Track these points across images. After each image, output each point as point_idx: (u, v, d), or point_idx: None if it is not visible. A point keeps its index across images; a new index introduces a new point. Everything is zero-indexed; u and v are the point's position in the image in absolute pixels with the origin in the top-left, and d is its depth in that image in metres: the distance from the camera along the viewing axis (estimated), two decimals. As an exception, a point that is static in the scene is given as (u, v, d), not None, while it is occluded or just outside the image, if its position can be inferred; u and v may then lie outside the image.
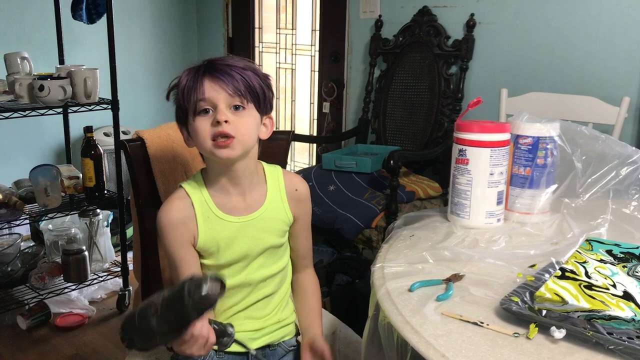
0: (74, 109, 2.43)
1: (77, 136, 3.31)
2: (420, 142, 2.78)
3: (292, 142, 3.58)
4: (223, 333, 1.05)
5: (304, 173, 2.65)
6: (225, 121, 1.07)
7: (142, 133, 1.47)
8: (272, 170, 1.24)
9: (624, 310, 0.78)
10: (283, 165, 2.13)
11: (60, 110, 2.48)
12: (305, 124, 3.64)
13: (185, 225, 1.14)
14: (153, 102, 3.69)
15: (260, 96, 1.12)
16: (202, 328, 0.96)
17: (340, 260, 2.40)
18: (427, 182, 2.57)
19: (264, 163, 1.23)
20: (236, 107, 1.09)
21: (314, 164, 3.56)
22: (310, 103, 3.57)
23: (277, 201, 1.21)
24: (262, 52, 3.79)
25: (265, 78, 1.15)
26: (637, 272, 0.91)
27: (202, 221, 1.15)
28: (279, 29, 3.66)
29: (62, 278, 2.47)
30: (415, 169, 2.78)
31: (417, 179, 2.60)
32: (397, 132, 2.90)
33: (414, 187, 2.46)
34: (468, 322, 0.86)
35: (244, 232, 1.17)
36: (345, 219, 2.29)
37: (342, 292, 2.23)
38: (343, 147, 3.12)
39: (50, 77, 2.30)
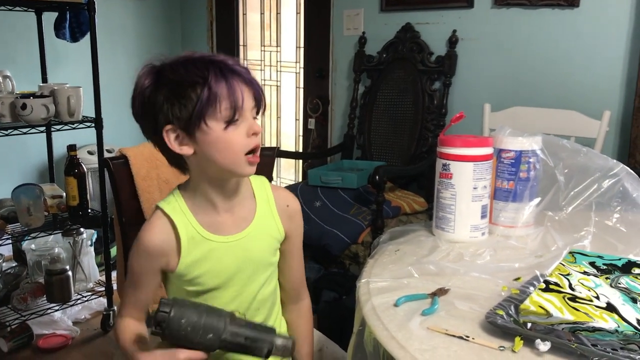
0: (57, 127, 2.41)
1: (60, 155, 3.28)
2: (405, 157, 2.79)
3: (278, 159, 3.58)
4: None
5: (290, 189, 2.64)
6: (260, 131, 1.00)
7: (126, 151, 1.47)
8: (259, 184, 1.14)
9: (608, 322, 0.79)
10: (269, 181, 2.13)
11: (43, 128, 2.46)
12: (291, 140, 3.65)
13: (165, 254, 1.04)
14: (138, 120, 3.64)
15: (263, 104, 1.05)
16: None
17: (327, 276, 2.39)
18: (412, 197, 2.57)
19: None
20: (254, 117, 1.01)
21: (300, 180, 3.56)
22: (296, 119, 3.58)
23: (268, 216, 1.11)
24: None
25: None
26: (620, 283, 0.91)
27: (185, 244, 1.04)
28: (264, 46, 3.68)
29: (45, 299, 2.43)
30: (400, 184, 2.78)
31: (403, 194, 2.60)
32: (382, 147, 2.91)
33: (399, 202, 2.46)
34: (454, 336, 0.86)
35: (233, 252, 1.06)
36: (332, 235, 2.28)
37: (329, 308, 2.22)
38: (329, 163, 3.13)
39: (33, 95, 2.29)
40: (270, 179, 2.46)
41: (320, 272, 2.43)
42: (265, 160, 1.59)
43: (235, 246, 1.06)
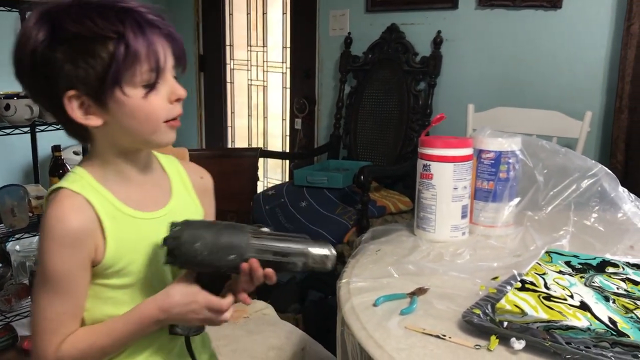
0: (42, 128, 2.40)
1: (45, 155, 3.26)
2: (391, 157, 2.80)
3: (265, 159, 3.59)
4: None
5: (276, 189, 2.66)
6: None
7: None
8: (166, 158, 1.02)
9: (581, 320, 0.80)
10: (255, 182, 2.13)
11: (27, 129, 2.45)
12: (277, 140, 3.65)
13: (91, 236, 0.85)
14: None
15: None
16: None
17: (313, 276, 2.40)
18: (397, 196, 2.59)
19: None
20: (175, 77, 0.89)
21: (287, 180, 3.57)
22: (282, 119, 3.58)
23: (184, 192, 0.99)
24: (233, 69, 3.80)
25: None
26: (593, 282, 0.93)
27: (108, 223, 0.87)
28: (250, 46, 3.68)
29: (29, 300, 2.42)
30: (386, 183, 2.80)
31: (388, 194, 2.62)
32: (368, 147, 2.92)
33: (385, 202, 2.48)
34: (431, 335, 0.87)
35: (162, 231, 0.86)
36: (318, 235, 2.29)
37: (315, 308, 2.23)
38: (315, 162, 3.13)
39: (17, 96, 2.28)
40: (255, 179, 2.47)
41: (306, 272, 2.44)
42: (248, 160, 1.61)
43: (162, 223, 0.88)
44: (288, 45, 3.44)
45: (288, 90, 3.49)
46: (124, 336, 0.88)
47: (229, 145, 3.85)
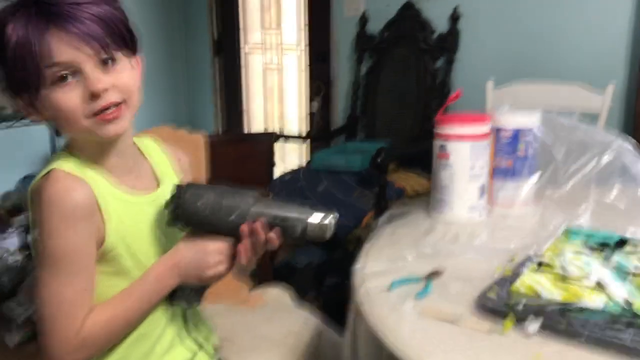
0: (60, 118, 2.42)
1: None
2: (409, 137, 2.77)
3: (283, 143, 3.58)
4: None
5: (293, 174, 2.64)
6: (105, 89, 0.80)
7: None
8: (144, 141, 0.99)
9: (596, 302, 0.78)
10: (271, 167, 2.12)
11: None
12: (294, 124, 3.63)
13: (95, 213, 0.84)
14: (141, 109, 3.64)
15: (127, 35, 0.85)
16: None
17: (330, 261, 2.39)
18: (416, 177, 2.55)
19: None
20: (104, 62, 0.81)
21: (305, 163, 3.56)
22: (299, 102, 3.56)
23: (170, 176, 0.99)
24: (247, 53, 3.78)
25: (119, 6, 0.85)
26: (611, 261, 0.90)
27: (104, 204, 0.85)
28: (264, 28, 3.65)
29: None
30: (405, 164, 2.76)
31: (407, 175, 2.58)
32: (386, 127, 2.89)
33: (403, 184, 2.45)
34: (445, 319, 0.85)
35: (158, 213, 0.91)
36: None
37: (332, 293, 2.23)
38: (333, 145, 3.11)
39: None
40: (271, 164, 2.47)
41: (323, 257, 2.43)
42: (263, 145, 1.60)
43: (154, 206, 0.91)
44: (303, 26, 3.40)
45: (304, 73, 3.46)
46: (143, 298, 0.89)
47: (246, 130, 3.85)
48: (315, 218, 0.85)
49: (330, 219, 0.86)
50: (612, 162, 1.28)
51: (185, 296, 0.92)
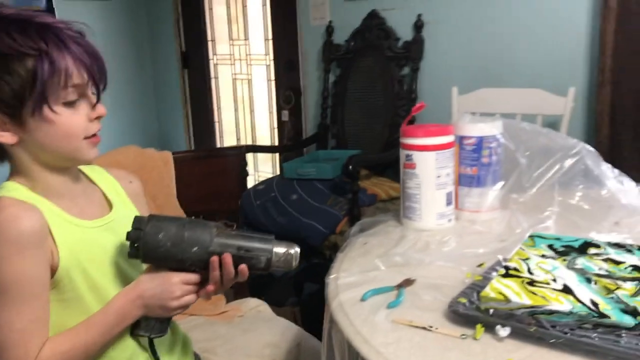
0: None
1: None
2: (379, 144, 2.80)
3: (254, 153, 3.58)
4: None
5: (266, 184, 2.66)
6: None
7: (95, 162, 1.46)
8: (91, 169, 1.00)
9: (563, 304, 0.81)
10: (242, 182, 2.13)
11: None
12: (266, 133, 3.65)
13: (46, 237, 0.83)
14: (109, 125, 3.57)
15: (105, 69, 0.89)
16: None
17: (308, 268, 2.41)
18: (388, 183, 2.59)
19: None
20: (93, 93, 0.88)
21: (278, 172, 3.57)
22: (269, 112, 3.58)
23: (119, 201, 0.99)
24: (216, 64, 3.78)
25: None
26: (576, 264, 0.93)
27: (56, 230, 0.84)
28: (232, 40, 3.66)
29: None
30: (376, 170, 2.80)
31: (379, 181, 2.62)
32: (356, 135, 2.92)
33: (375, 190, 2.48)
34: (418, 327, 0.87)
35: (108, 238, 0.91)
36: (310, 227, 2.30)
37: (312, 300, 2.24)
38: (305, 154, 3.13)
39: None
40: (243, 178, 2.47)
41: (301, 264, 2.44)
42: (232, 160, 1.60)
43: (107, 230, 0.92)
44: (270, 37, 3.42)
45: (273, 83, 3.48)
46: (104, 330, 0.88)
47: (217, 141, 3.84)
48: (280, 248, 0.87)
49: (295, 249, 0.89)
50: (575, 165, 1.32)
51: (149, 327, 0.92)
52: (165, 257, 0.84)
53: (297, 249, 0.89)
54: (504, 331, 0.81)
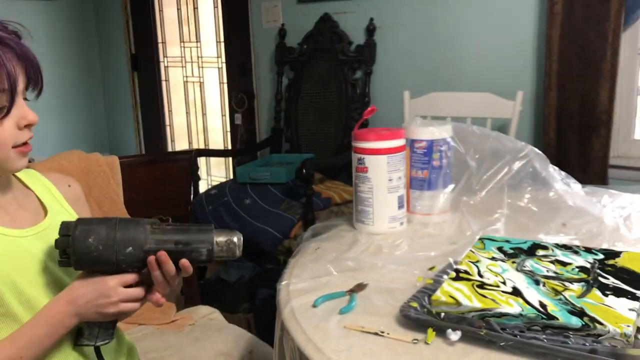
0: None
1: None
2: (333, 148, 2.80)
3: (207, 157, 3.53)
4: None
5: (219, 188, 2.62)
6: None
7: (34, 166, 1.40)
8: (26, 173, 0.95)
9: (513, 306, 0.81)
10: (191, 187, 2.08)
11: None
12: (219, 136, 3.60)
13: None
14: (56, 129, 3.51)
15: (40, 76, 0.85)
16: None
17: (262, 274, 2.38)
18: (342, 186, 2.59)
19: None
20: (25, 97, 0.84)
21: (232, 176, 3.53)
22: (222, 115, 3.53)
23: (57, 206, 0.95)
24: (167, 66, 3.71)
25: None
26: (524, 266, 0.94)
27: None
28: (183, 42, 3.60)
29: None
30: (330, 174, 2.80)
31: (333, 185, 2.61)
32: (310, 139, 2.91)
33: (330, 193, 2.47)
34: (369, 333, 0.87)
35: (39, 247, 0.87)
36: (263, 232, 2.27)
37: (265, 306, 2.21)
38: (258, 158, 3.10)
39: None
40: (195, 180, 2.42)
41: (255, 270, 2.42)
42: (184, 164, 1.56)
43: (40, 239, 0.87)
44: (222, 39, 3.38)
45: (225, 85, 3.44)
46: (33, 343, 0.83)
47: (169, 145, 3.77)
48: (221, 237, 0.83)
49: (237, 236, 0.84)
50: (523, 167, 1.34)
51: (93, 335, 0.86)
52: (97, 261, 0.79)
53: (240, 236, 0.84)
54: (455, 335, 0.81)
